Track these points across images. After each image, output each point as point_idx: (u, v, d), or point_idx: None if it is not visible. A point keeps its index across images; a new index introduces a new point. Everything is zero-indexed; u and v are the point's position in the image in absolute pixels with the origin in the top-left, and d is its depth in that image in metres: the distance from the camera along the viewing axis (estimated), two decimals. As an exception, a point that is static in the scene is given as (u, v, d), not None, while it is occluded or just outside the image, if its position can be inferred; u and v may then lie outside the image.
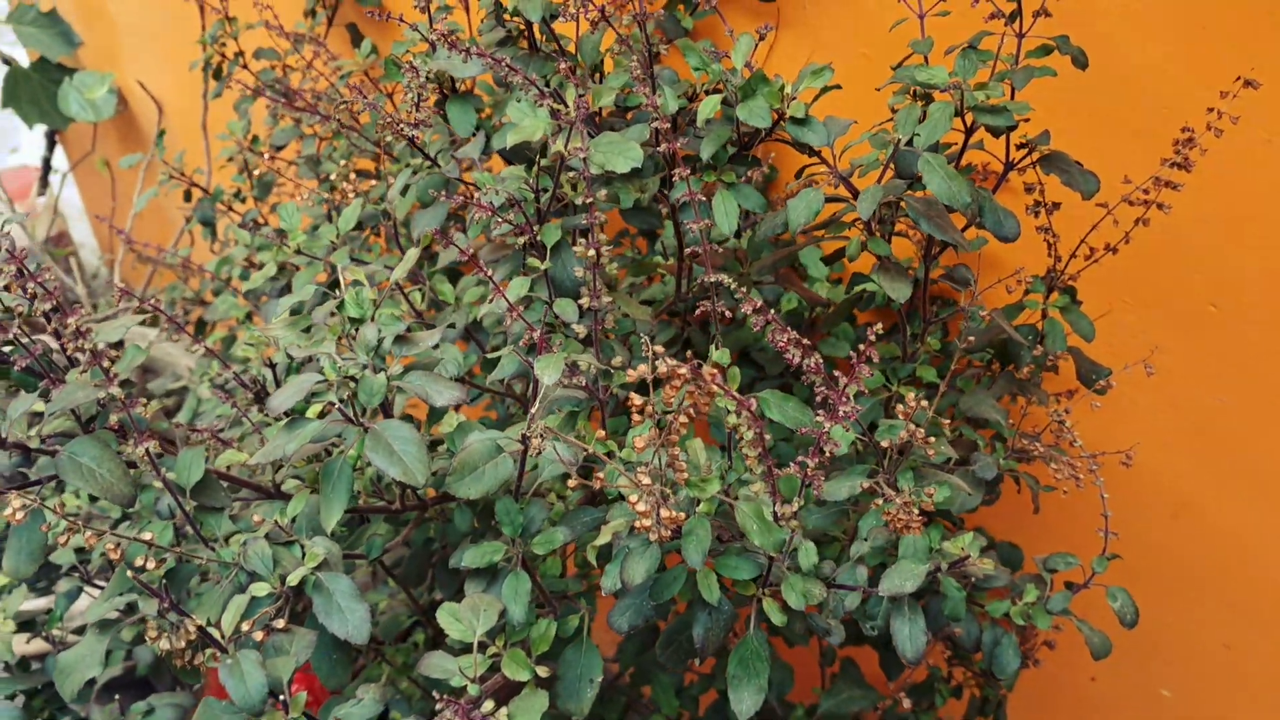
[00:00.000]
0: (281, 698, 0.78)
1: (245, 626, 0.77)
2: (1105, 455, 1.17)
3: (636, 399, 0.79)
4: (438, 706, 0.76)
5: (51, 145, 3.09)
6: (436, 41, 1.08)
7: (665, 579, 0.84)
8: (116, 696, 1.17)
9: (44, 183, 3.13)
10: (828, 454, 0.83)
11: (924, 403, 0.99)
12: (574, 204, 1.02)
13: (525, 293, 0.94)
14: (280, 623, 0.76)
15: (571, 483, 0.80)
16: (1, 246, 0.71)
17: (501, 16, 1.10)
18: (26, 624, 1.17)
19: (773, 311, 0.91)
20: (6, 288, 0.74)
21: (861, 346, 0.83)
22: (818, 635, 0.92)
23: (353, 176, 1.24)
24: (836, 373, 0.96)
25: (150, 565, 0.77)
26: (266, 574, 0.82)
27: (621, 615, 0.90)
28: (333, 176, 1.70)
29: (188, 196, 1.96)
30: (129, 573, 0.72)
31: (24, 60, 2.86)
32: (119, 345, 0.93)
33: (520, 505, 0.89)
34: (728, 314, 0.99)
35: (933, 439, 0.98)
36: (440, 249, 1.15)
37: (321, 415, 0.88)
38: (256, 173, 1.97)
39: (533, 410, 0.85)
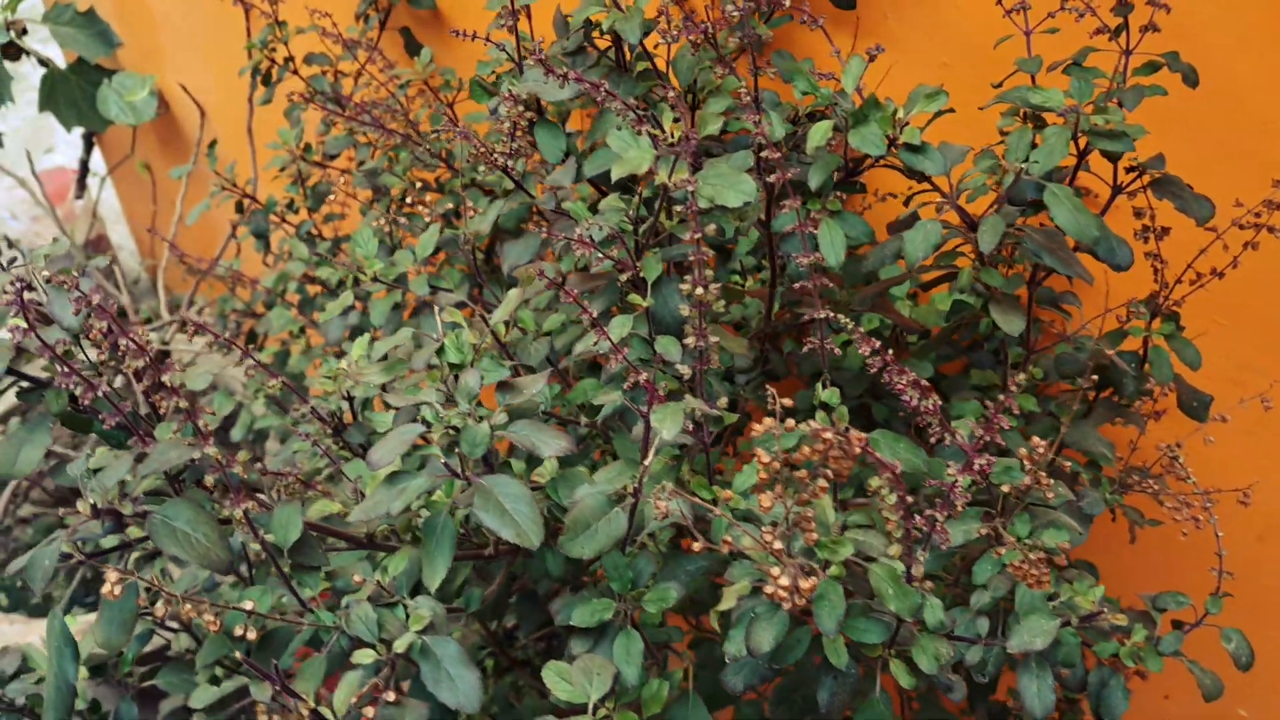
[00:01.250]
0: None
1: (352, 699, 0.73)
2: (1220, 493, 1.12)
3: (763, 455, 0.75)
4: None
5: (89, 147, 3.05)
6: (525, 63, 1.04)
7: (789, 642, 0.79)
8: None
9: (81, 185, 3.10)
10: (959, 507, 0.79)
11: (1044, 444, 0.94)
12: (670, 233, 0.98)
13: (628, 332, 0.89)
14: (391, 695, 0.72)
15: (697, 546, 0.75)
16: (92, 302, 0.67)
17: (590, 35, 1.05)
18: (97, 668, 1.13)
19: (890, 352, 0.86)
20: (95, 343, 0.70)
21: (1001, 397, 0.78)
22: (939, 690, 0.87)
23: (428, 198, 1.19)
24: (952, 416, 0.91)
25: (251, 635, 0.73)
26: (371, 639, 0.77)
27: (737, 675, 0.86)
28: (394, 192, 1.66)
29: (239, 208, 1.92)
30: (239, 655, 0.68)
31: (59, 61, 2.83)
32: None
33: (628, 559, 0.85)
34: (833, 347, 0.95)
35: (1052, 481, 0.93)
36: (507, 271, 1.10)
37: (419, 466, 0.84)
38: (310, 182, 1.93)
39: (646, 463, 0.81)
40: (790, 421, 0.75)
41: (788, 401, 0.76)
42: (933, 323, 1.20)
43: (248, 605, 0.74)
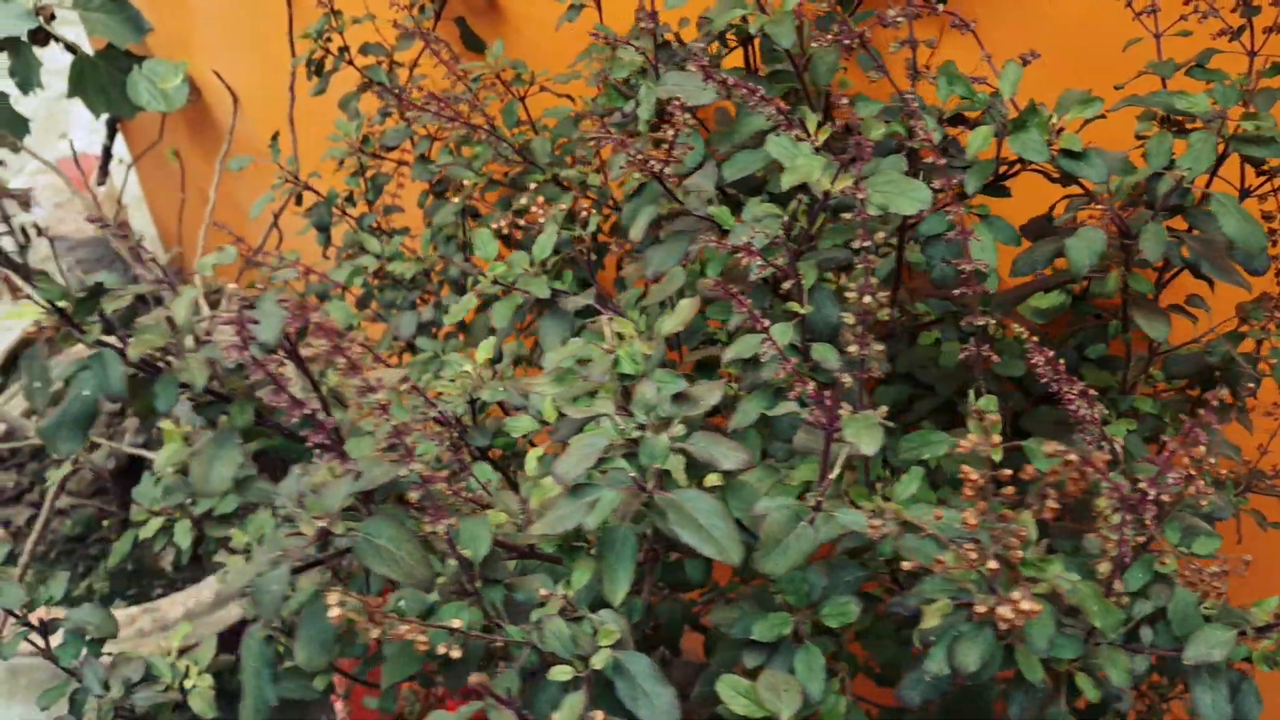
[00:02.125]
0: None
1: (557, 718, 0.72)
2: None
3: (971, 472, 0.74)
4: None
5: (113, 134, 3.01)
6: (660, 63, 1.02)
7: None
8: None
9: (104, 171, 3.06)
10: (1149, 524, 0.78)
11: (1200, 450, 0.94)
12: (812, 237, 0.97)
13: (789, 340, 0.89)
14: (599, 715, 0.71)
15: (907, 565, 0.75)
16: (309, 319, 0.66)
17: (725, 36, 1.04)
18: (215, 675, 1.12)
19: (1062, 363, 0.86)
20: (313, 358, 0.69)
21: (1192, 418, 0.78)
22: (1108, 700, 0.87)
23: (540, 200, 1.18)
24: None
25: (455, 653, 0.72)
26: (567, 655, 0.76)
27: (913, 690, 0.85)
28: (466, 185, 1.64)
29: (299, 200, 1.90)
30: (473, 679, 0.66)
31: (86, 47, 2.78)
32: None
33: (803, 572, 0.84)
34: (994, 357, 0.94)
35: (1211, 489, 0.93)
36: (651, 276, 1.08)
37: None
38: (369, 174, 1.91)
39: (831, 475, 0.80)
40: (996, 437, 0.74)
41: (995, 417, 0.75)
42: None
43: (455, 623, 0.73)
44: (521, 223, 1.15)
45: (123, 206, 2.84)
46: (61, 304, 0.71)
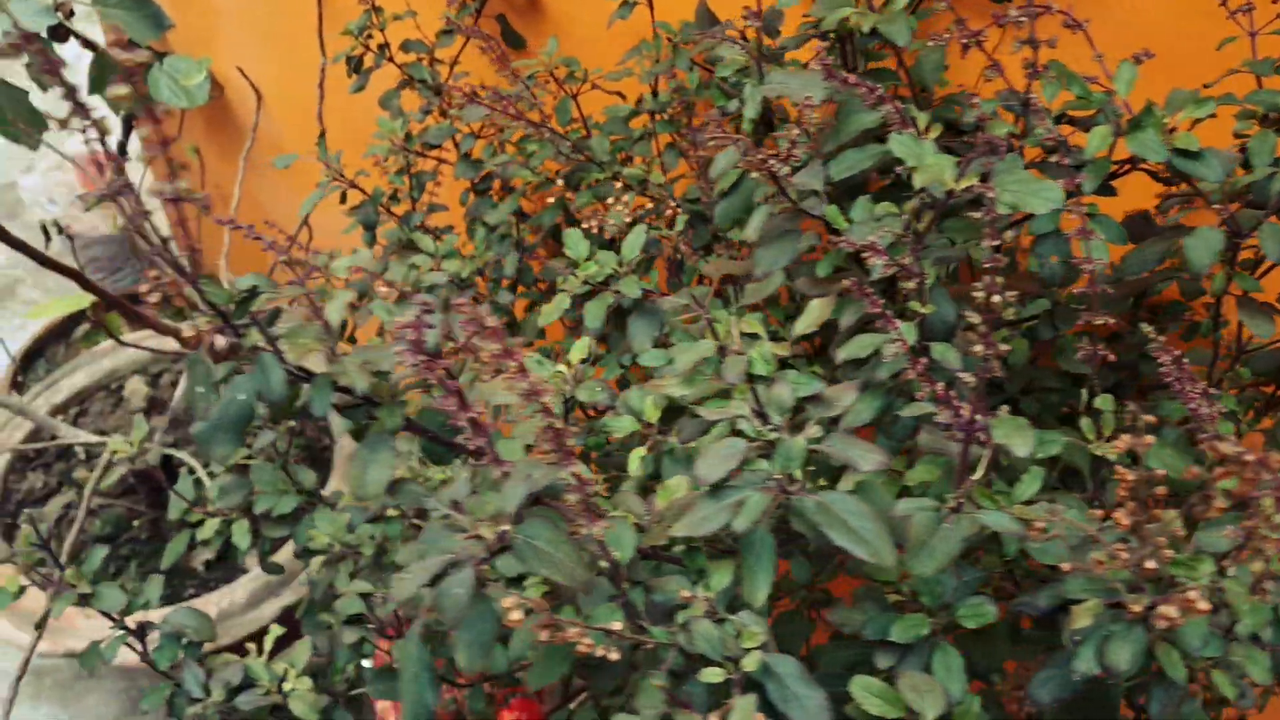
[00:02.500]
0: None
1: (715, 721, 0.72)
2: None
3: (1127, 474, 0.74)
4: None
5: (128, 131, 2.99)
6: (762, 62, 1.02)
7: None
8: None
9: (119, 170, 3.02)
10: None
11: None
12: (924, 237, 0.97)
13: (915, 339, 0.88)
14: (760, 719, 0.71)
15: (1066, 566, 0.75)
16: (483, 323, 0.65)
17: (826, 34, 1.04)
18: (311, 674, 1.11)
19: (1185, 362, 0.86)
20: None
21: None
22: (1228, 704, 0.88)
23: (625, 198, 1.17)
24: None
25: (614, 655, 0.72)
26: (717, 657, 0.76)
27: (1043, 687, 0.85)
28: (516, 184, 1.64)
29: (343, 198, 1.89)
30: (651, 681, 0.66)
31: (102, 44, 2.76)
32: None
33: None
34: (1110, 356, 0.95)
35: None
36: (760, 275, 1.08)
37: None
38: (413, 171, 1.90)
39: (974, 477, 0.80)
40: (1149, 437, 0.75)
41: (1151, 419, 0.75)
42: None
43: (616, 625, 0.73)
44: (606, 222, 1.14)
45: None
46: (225, 307, 0.70)
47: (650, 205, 1.25)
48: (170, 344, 2.49)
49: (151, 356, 2.58)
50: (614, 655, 0.72)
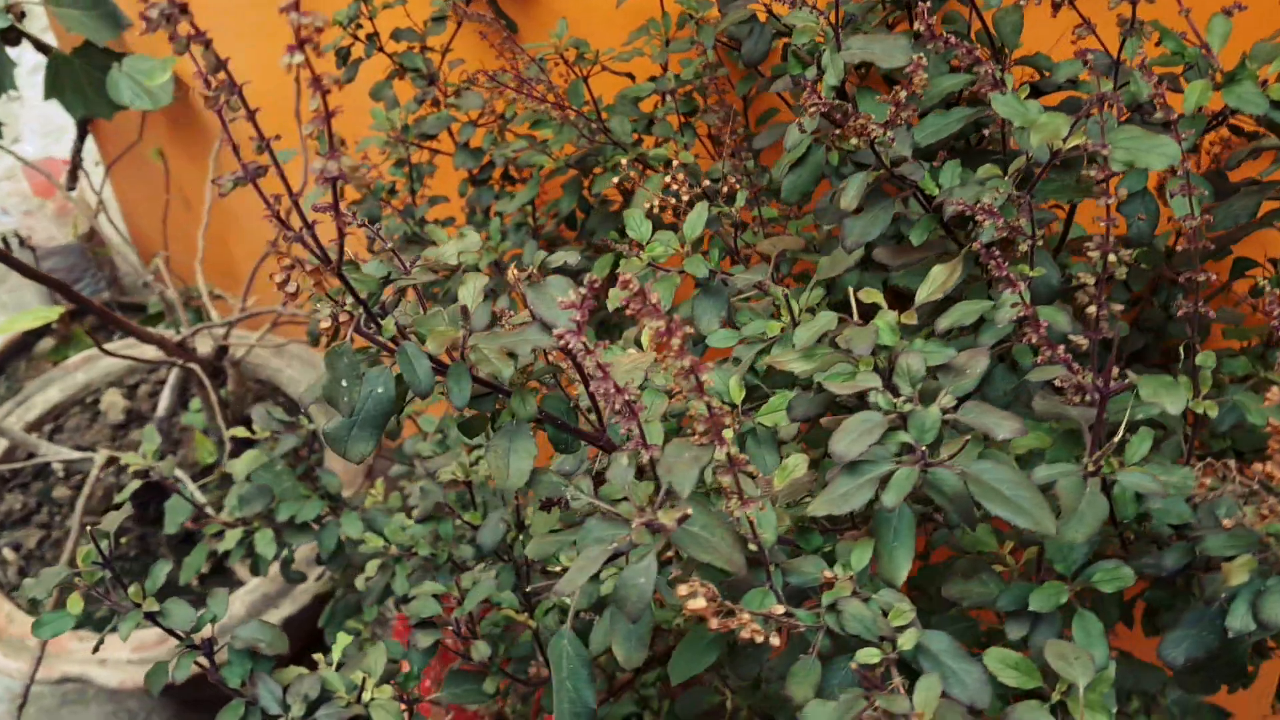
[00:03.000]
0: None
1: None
2: None
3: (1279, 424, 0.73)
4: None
5: (83, 136, 2.88)
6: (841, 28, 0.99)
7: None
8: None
9: (73, 177, 2.93)
10: None
11: None
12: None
13: (1019, 306, 0.86)
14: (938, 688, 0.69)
15: (1228, 522, 0.73)
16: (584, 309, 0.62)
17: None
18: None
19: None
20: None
21: None
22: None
23: (680, 177, 1.14)
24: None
25: (776, 640, 0.69)
26: (872, 637, 0.73)
27: (1176, 647, 0.84)
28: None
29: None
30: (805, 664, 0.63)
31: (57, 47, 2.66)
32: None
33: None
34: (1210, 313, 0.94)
35: None
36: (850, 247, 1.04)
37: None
38: (408, 165, 1.85)
39: (1115, 439, 0.79)
40: (1275, 391, 0.74)
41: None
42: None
43: (778, 609, 0.70)
44: (664, 202, 1.11)
45: (102, 209, 2.71)
46: (369, 297, 0.65)
47: (733, 182, 1.22)
48: (149, 352, 2.41)
49: (127, 368, 2.50)
50: (775, 640, 0.69)
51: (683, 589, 0.63)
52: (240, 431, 1.52)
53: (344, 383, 0.66)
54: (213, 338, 2.25)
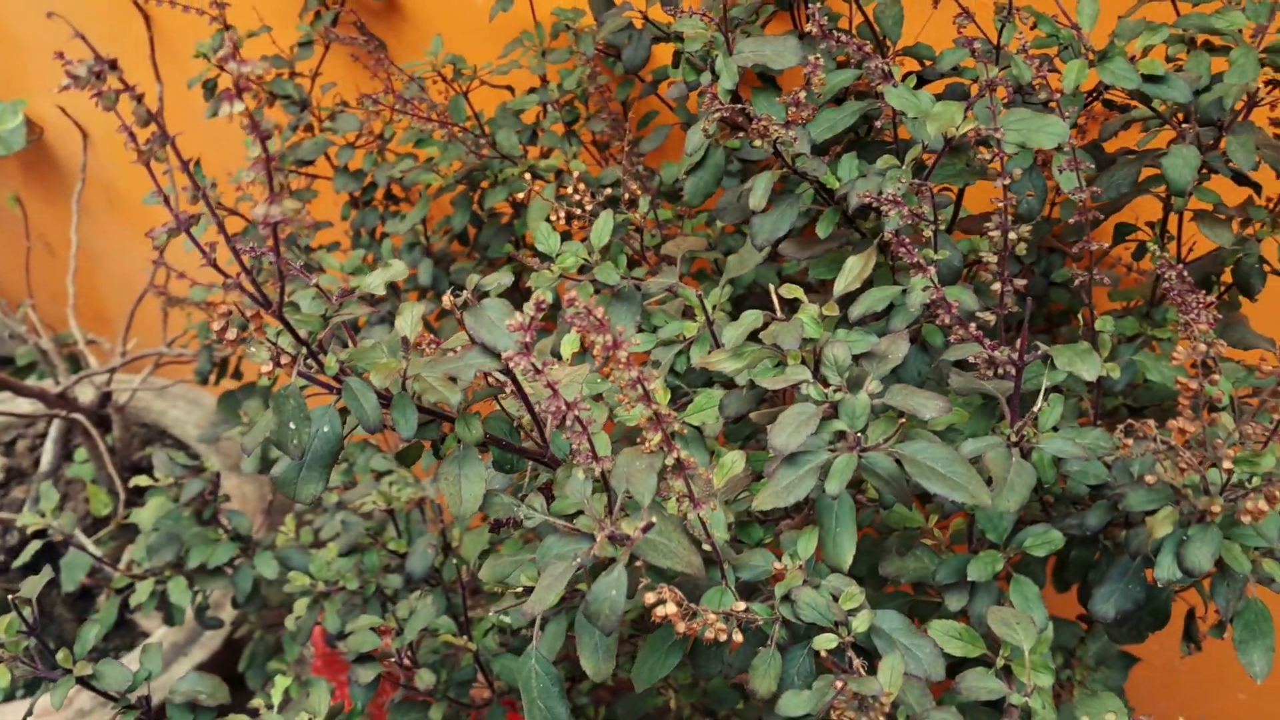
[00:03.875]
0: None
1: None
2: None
3: (1189, 384, 0.77)
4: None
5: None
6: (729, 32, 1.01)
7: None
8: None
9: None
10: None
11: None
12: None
13: (930, 289, 0.90)
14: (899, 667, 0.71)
15: (1151, 478, 0.77)
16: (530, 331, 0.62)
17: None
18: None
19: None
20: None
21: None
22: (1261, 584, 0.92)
23: (581, 186, 1.15)
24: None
25: (737, 637, 0.70)
26: (828, 623, 0.75)
27: (1106, 602, 0.88)
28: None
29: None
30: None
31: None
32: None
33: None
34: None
35: None
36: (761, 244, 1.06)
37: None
38: (289, 192, 1.82)
39: (1035, 409, 0.82)
40: (1180, 350, 0.78)
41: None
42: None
43: (739, 607, 0.71)
44: (568, 213, 1.12)
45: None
46: (310, 336, 0.65)
47: (609, 193, 1.24)
48: (24, 406, 2.32)
49: (2, 425, 2.40)
50: (737, 636, 0.71)
51: (650, 596, 0.64)
52: (144, 480, 1.48)
53: (292, 425, 0.65)
54: (94, 385, 2.18)
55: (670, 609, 0.64)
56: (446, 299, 0.69)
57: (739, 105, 0.93)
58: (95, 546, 2.01)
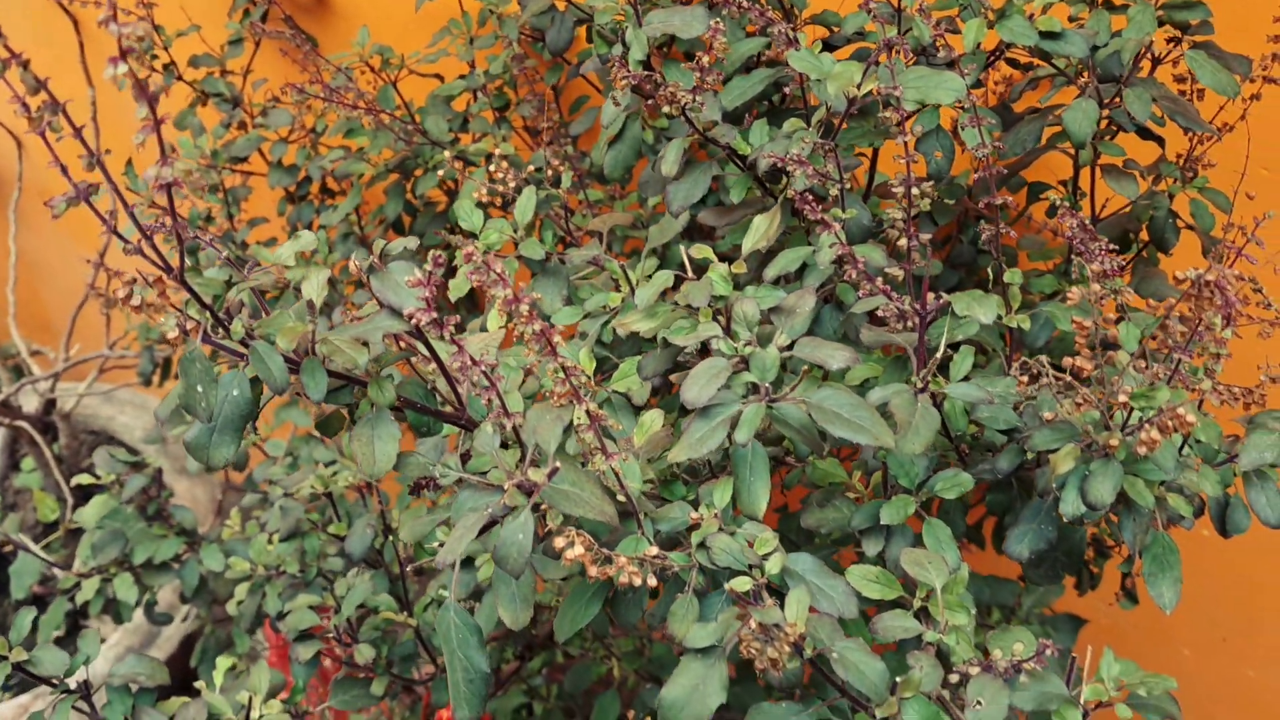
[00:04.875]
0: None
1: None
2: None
3: (1085, 322, 0.80)
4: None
5: None
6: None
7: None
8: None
9: None
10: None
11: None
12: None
13: (837, 245, 0.92)
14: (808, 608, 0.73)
15: (1049, 414, 0.80)
16: (430, 289, 0.64)
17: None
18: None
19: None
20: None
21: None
22: (1172, 523, 0.95)
23: (504, 165, 1.17)
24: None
25: (653, 582, 0.72)
26: (743, 567, 0.77)
27: (1020, 542, 0.91)
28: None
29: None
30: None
31: None
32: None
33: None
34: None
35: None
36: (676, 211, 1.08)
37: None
38: (223, 190, 1.83)
39: (937, 357, 0.85)
40: (1075, 291, 0.81)
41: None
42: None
43: (651, 551, 0.73)
44: (492, 194, 1.13)
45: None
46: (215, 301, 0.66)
47: (558, 163, 1.25)
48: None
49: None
50: (651, 580, 0.73)
51: (559, 540, 0.66)
52: (85, 479, 1.48)
53: (199, 388, 0.66)
54: (38, 392, 2.17)
55: (578, 550, 0.66)
56: (352, 264, 0.70)
57: (647, 73, 0.95)
58: (45, 553, 2.00)
